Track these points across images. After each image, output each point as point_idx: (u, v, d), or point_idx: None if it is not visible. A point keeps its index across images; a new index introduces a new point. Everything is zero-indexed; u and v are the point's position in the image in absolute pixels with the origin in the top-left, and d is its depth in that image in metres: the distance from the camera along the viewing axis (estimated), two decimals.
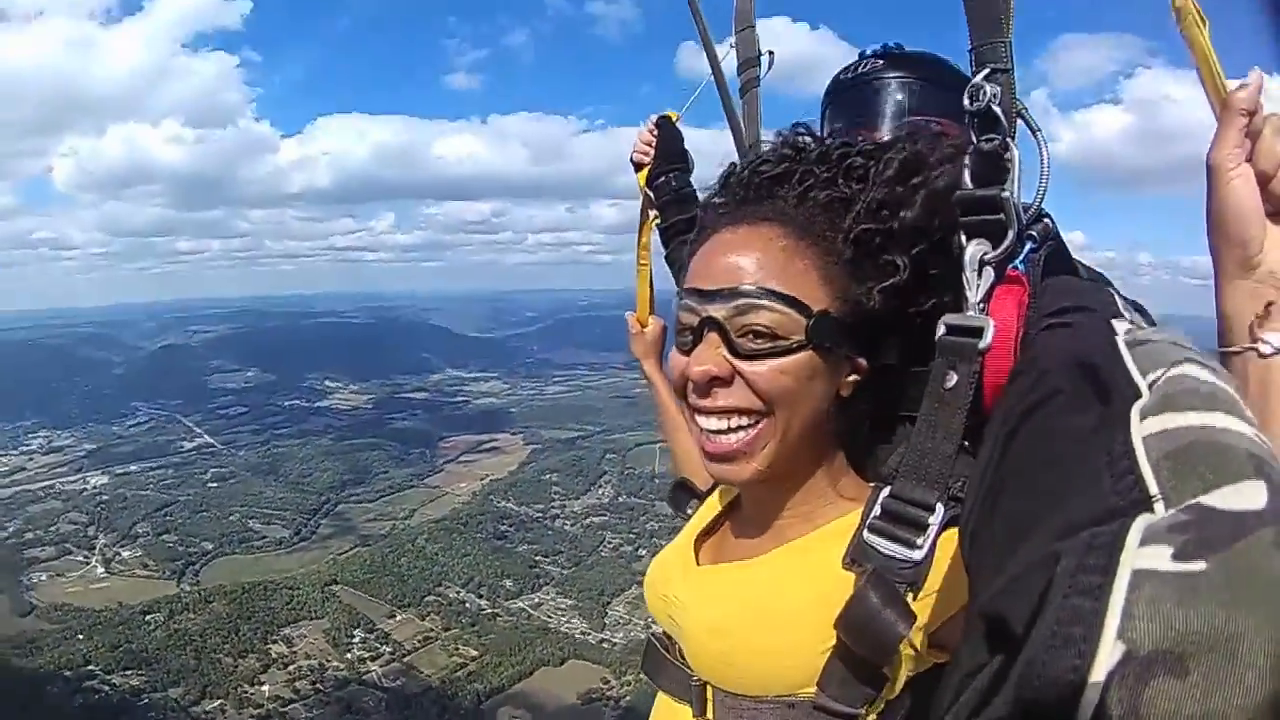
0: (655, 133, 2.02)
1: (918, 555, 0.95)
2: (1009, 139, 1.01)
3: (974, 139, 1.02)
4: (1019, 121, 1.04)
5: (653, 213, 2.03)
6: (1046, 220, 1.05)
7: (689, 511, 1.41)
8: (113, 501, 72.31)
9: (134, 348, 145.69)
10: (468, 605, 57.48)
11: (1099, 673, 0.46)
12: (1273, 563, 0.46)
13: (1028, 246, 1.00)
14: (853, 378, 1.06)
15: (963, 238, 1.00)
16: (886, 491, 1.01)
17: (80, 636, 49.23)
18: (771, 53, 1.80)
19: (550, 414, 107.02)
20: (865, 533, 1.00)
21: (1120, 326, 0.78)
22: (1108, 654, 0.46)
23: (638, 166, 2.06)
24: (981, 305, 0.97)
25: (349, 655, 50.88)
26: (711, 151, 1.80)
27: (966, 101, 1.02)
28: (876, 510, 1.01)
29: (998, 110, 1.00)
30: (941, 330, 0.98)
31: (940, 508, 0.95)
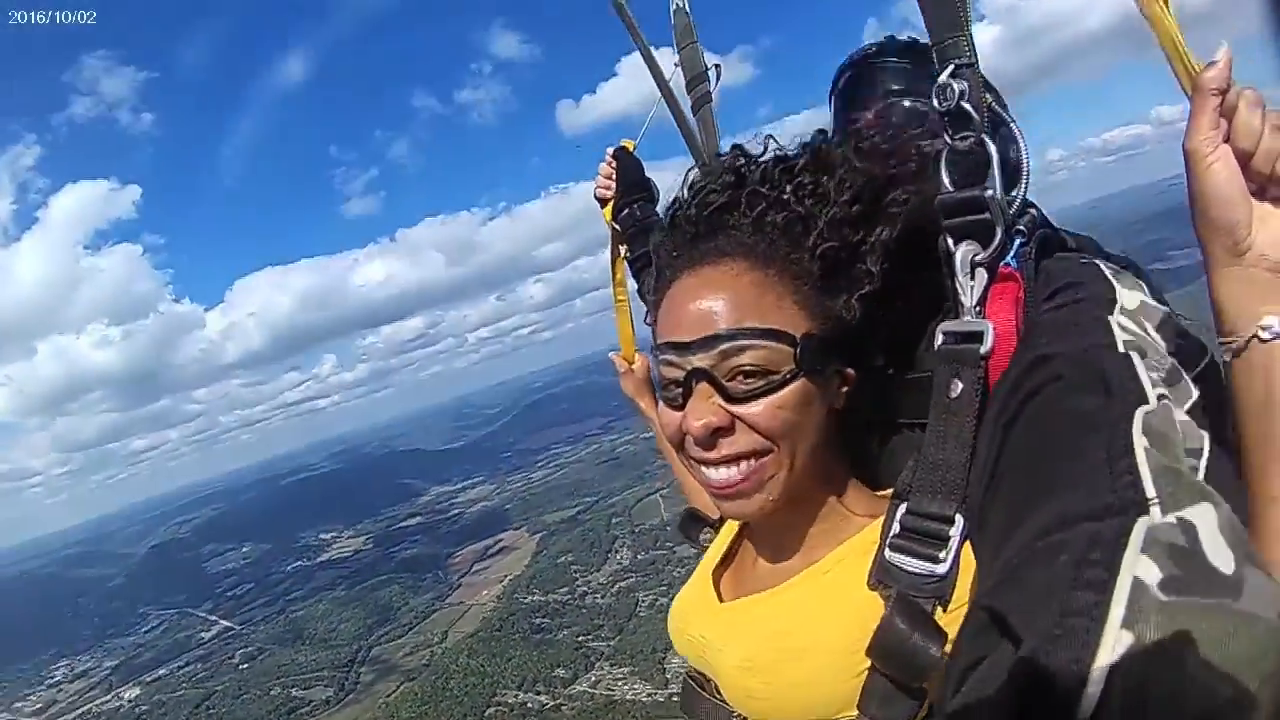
0: (614, 165, 1.95)
1: (942, 569, 0.92)
2: (984, 135, 0.98)
3: (948, 139, 1.00)
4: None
5: (623, 247, 1.97)
6: (1032, 211, 1.02)
7: (703, 540, 1.42)
8: (152, 710, 70.92)
9: (125, 555, 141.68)
10: (529, 705, 57.65)
11: (1101, 666, 0.47)
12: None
13: (1017, 242, 0.97)
14: (844, 389, 1.04)
15: (949, 241, 0.97)
16: (904, 508, 0.97)
17: None
18: (718, 66, 1.77)
19: (545, 499, 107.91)
20: (887, 551, 0.97)
21: (1115, 328, 0.79)
22: (1110, 646, 0.47)
23: (602, 202, 2.00)
24: (978, 309, 0.94)
25: None
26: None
27: (936, 102, 0.99)
28: (895, 528, 0.97)
29: (968, 107, 0.98)
30: (940, 339, 0.95)
31: (960, 519, 0.91)
